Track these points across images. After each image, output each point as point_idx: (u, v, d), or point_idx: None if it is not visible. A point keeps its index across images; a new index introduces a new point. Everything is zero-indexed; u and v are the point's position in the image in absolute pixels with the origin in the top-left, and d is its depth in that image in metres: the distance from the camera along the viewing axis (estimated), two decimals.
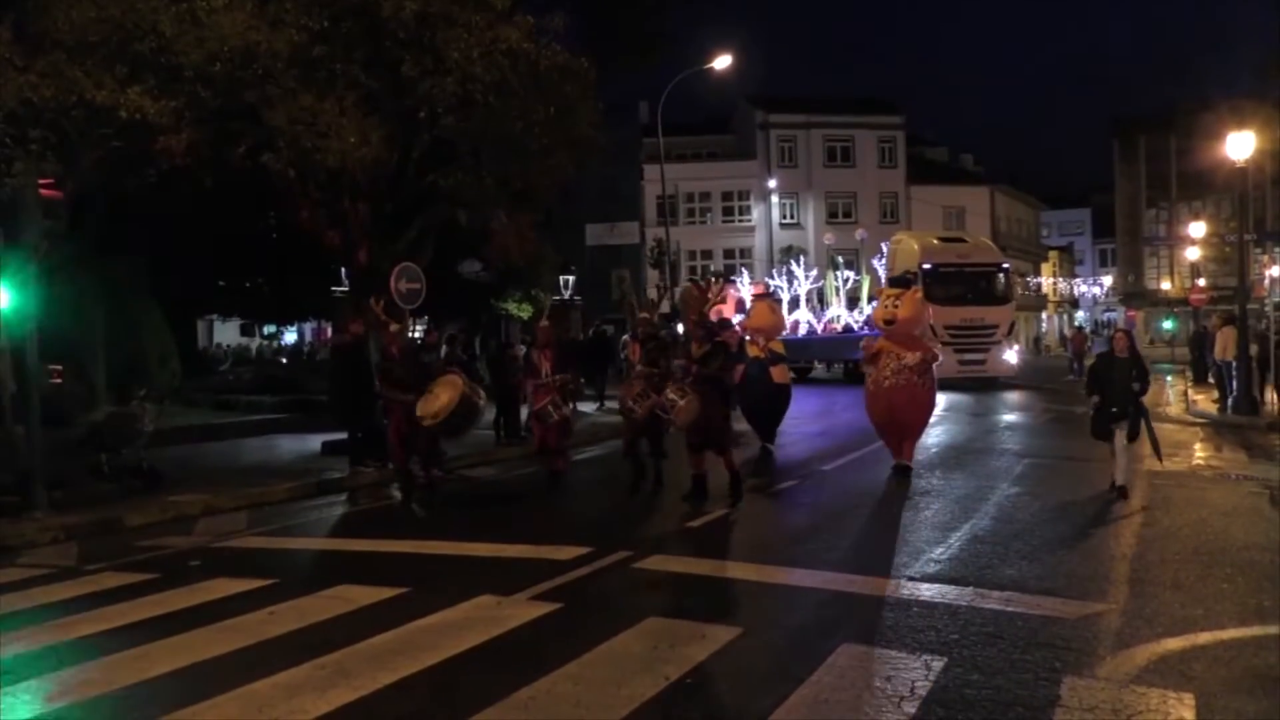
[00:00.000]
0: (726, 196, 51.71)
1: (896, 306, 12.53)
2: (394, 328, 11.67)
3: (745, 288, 34.28)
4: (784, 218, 51.85)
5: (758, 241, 51.11)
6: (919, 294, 13.74)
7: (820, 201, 52.15)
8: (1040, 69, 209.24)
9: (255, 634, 6.16)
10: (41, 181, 10.63)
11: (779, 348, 15.21)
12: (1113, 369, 10.60)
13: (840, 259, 35.08)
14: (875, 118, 53.17)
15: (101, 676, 5.42)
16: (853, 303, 31.87)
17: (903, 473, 12.12)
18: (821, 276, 34.96)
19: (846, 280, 32.91)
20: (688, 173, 48.87)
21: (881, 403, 12.36)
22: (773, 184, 50.39)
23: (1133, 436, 10.55)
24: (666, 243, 34.15)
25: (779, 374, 14.81)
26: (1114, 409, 10.48)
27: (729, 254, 50.70)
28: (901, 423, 12.35)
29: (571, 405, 12.80)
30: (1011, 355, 28.79)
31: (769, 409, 14.85)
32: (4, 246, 10.38)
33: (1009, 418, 20.30)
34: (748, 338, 15.13)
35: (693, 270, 49.09)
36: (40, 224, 10.41)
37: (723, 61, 31.30)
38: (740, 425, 14.15)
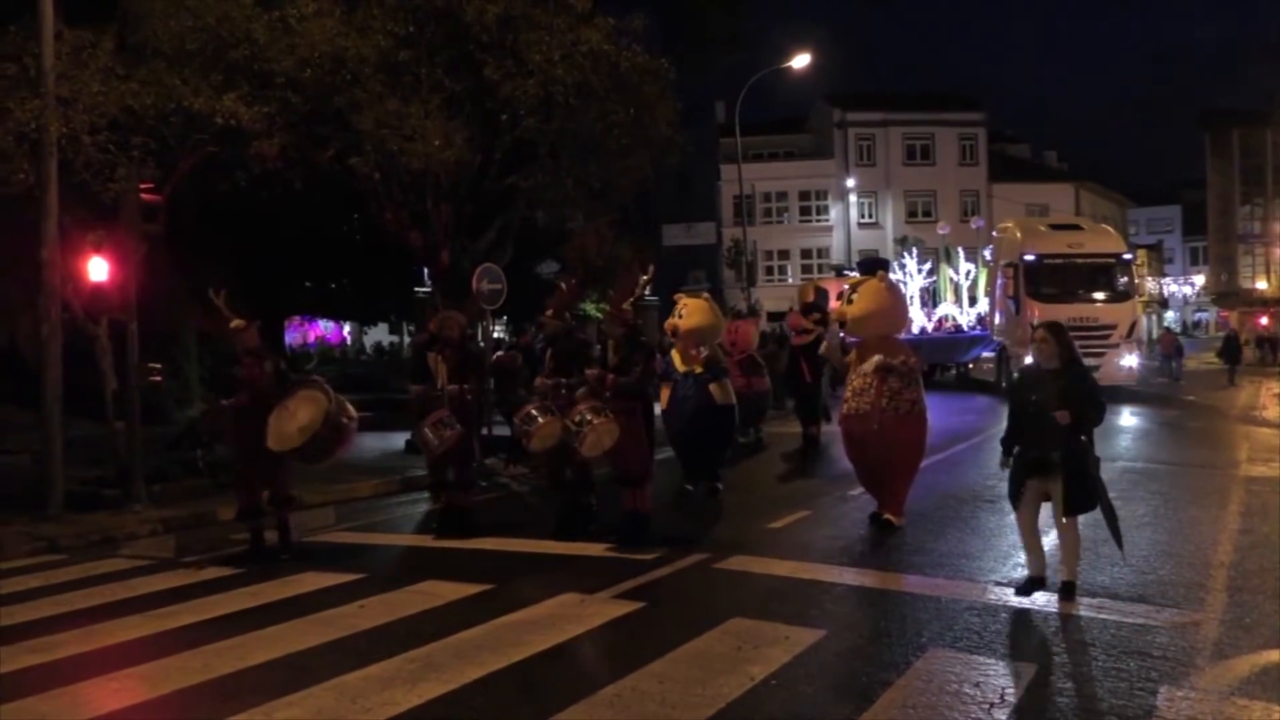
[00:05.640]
0: (804, 196, 51.29)
1: (851, 301, 9.54)
2: (237, 324, 8.84)
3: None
4: (862, 217, 51.30)
5: (835, 241, 50.65)
6: (884, 281, 9.80)
7: (899, 200, 51.43)
8: (1126, 62, 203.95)
9: (346, 627, 6.30)
10: (142, 185, 11.04)
11: (719, 358, 11.65)
12: (1034, 390, 6.68)
13: (960, 250, 31.96)
14: (955, 114, 52.20)
15: (201, 665, 5.60)
16: (971, 300, 29.62)
17: (882, 525, 9.18)
18: (935, 271, 32.00)
19: (968, 274, 30.22)
20: (764, 172, 48.60)
21: (843, 431, 9.72)
22: (851, 183, 49.89)
23: (1071, 506, 6.51)
24: (744, 243, 34.10)
25: (720, 393, 11.27)
26: (1034, 455, 6.62)
27: (806, 254, 50.31)
28: (868, 461, 9.39)
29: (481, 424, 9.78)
30: (1132, 360, 24.33)
31: (704, 438, 11.32)
32: (107, 249, 10.81)
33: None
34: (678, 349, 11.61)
35: (769, 270, 48.97)
36: (141, 227, 10.80)
37: (801, 60, 31.12)
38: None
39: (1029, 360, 6.94)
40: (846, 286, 10.09)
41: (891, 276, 10.62)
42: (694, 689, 5.07)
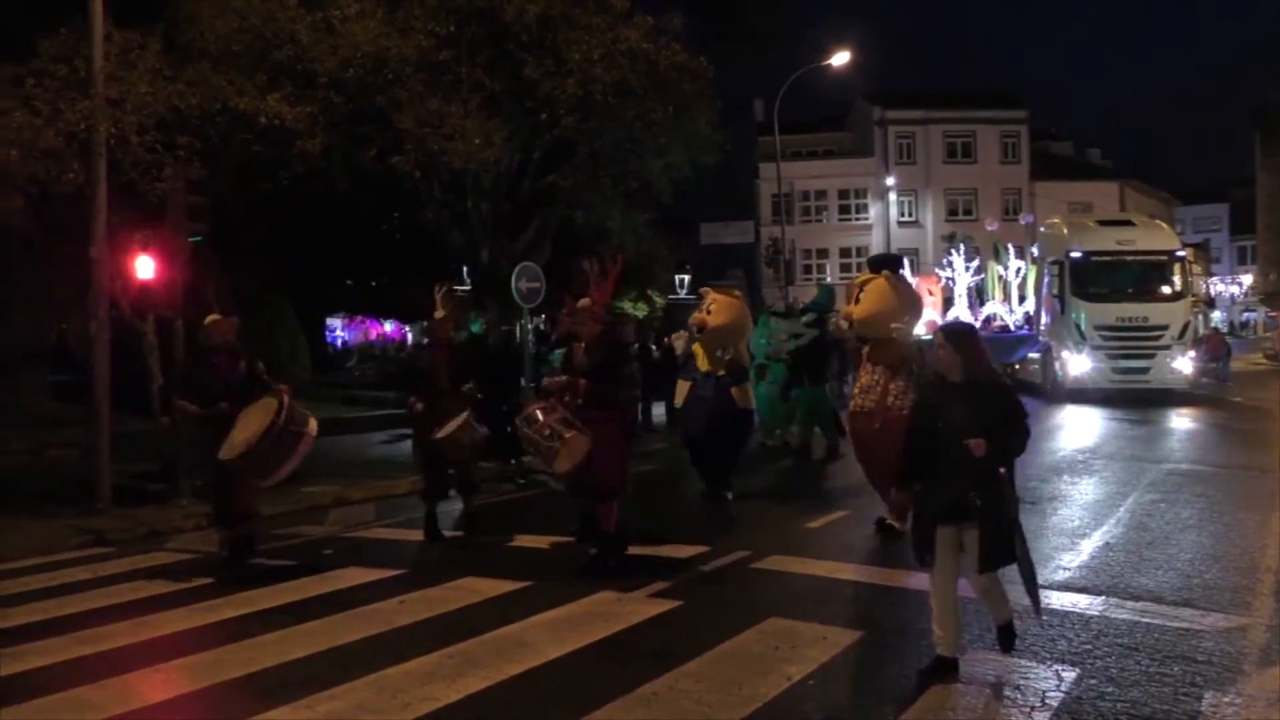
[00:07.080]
0: (843, 195, 51.05)
1: (858, 300, 9.23)
2: (212, 319, 8.44)
3: (910, 279, 31.83)
4: (902, 216, 50.92)
5: (874, 240, 50.27)
6: (889, 279, 9.25)
7: (939, 199, 51.01)
8: (1170, 58, 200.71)
9: (386, 622, 6.36)
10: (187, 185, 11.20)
11: (744, 359, 11.18)
12: (943, 411, 5.28)
13: (1010, 246, 30.73)
14: (997, 112, 51.68)
15: (245, 658, 5.69)
16: (1020, 298, 28.68)
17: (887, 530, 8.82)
18: (983, 269, 30.86)
19: (1019, 271, 29.10)
20: (803, 171, 48.45)
21: (850, 430, 9.56)
22: (890, 181, 49.53)
23: (988, 560, 5.26)
24: (782, 242, 34.01)
25: (741, 396, 10.83)
26: (945, 494, 5.24)
27: (845, 253, 50.05)
28: (876, 463, 8.96)
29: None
30: (1184, 363, 23.26)
31: (719, 441, 10.82)
32: (154, 247, 10.98)
33: (1140, 422, 19.52)
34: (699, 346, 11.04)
35: (808, 269, 48.70)
36: (187, 226, 10.96)
37: (841, 58, 30.93)
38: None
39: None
40: (856, 285, 9.70)
41: (938, 274, 10.15)
42: (731, 688, 5.07)
